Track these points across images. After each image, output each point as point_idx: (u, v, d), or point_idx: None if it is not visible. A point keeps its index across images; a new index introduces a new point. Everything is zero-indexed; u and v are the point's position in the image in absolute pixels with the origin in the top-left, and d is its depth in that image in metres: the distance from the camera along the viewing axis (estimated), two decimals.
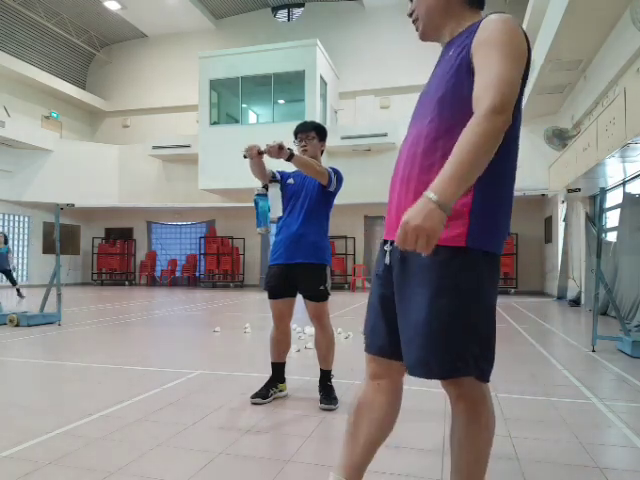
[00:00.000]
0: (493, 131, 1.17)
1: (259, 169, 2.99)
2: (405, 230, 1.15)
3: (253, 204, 2.97)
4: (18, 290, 11.85)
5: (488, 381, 1.40)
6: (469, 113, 1.22)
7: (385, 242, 1.50)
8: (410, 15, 1.53)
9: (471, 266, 1.31)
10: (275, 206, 2.93)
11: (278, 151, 2.73)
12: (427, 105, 1.42)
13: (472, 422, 1.41)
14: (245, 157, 2.89)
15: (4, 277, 12.07)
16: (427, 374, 1.36)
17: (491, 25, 1.30)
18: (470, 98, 1.26)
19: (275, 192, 2.96)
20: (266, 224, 2.99)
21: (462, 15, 1.43)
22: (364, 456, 1.52)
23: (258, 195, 3.00)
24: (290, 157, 2.77)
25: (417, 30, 1.53)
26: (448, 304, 1.29)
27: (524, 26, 12.63)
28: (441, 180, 1.16)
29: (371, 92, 17.21)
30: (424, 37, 1.53)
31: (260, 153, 2.85)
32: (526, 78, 1.32)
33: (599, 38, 8.34)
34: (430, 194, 1.14)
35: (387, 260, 1.47)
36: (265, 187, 3.02)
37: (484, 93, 1.20)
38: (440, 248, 1.24)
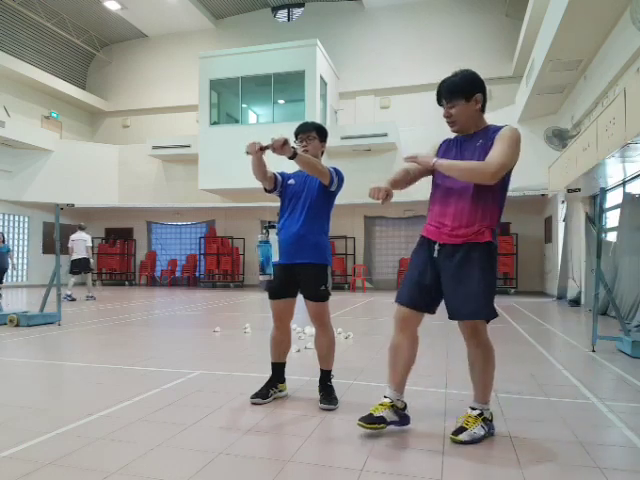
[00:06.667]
0: (484, 173, 2.30)
1: (260, 169, 2.99)
2: None
3: (257, 249, 3.02)
4: None
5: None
6: None
7: (430, 241, 2.49)
8: (446, 118, 2.51)
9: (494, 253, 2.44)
10: (275, 251, 2.99)
11: (282, 146, 2.71)
12: None
13: (487, 351, 2.49)
14: (247, 153, 2.87)
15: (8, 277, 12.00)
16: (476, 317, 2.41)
17: (506, 131, 2.38)
18: None
19: (274, 238, 3.01)
20: (270, 272, 3.00)
21: (480, 119, 2.51)
22: (402, 376, 2.57)
23: (262, 242, 3.02)
24: (293, 155, 2.76)
25: (452, 126, 2.53)
26: (490, 278, 2.41)
27: (524, 26, 12.67)
28: None
29: (371, 92, 17.22)
30: (459, 132, 2.55)
31: (262, 149, 2.84)
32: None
33: (599, 38, 8.34)
34: None
35: (435, 254, 2.46)
36: (267, 228, 3.04)
37: (493, 159, 2.30)
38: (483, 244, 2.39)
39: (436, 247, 2.46)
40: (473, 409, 2.49)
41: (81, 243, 11.16)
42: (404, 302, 2.54)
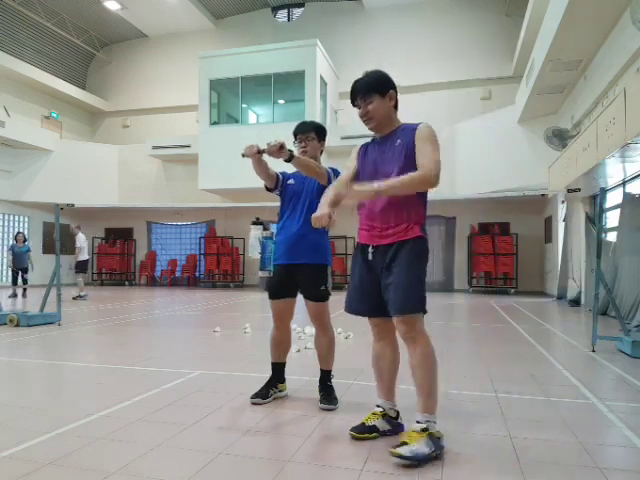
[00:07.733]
0: (426, 179, 2.26)
1: (262, 170, 2.99)
2: None
3: (258, 247, 3.05)
4: (24, 290, 12.17)
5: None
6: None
7: (364, 246, 2.49)
8: (363, 116, 2.49)
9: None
10: (254, 247, 3.02)
11: (278, 151, 2.71)
12: (389, 169, 2.40)
13: (425, 353, 2.33)
14: (244, 156, 2.88)
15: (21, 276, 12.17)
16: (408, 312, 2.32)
17: (425, 129, 2.41)
18: (411, 167, 2.33)
19: (255, 234, 3.04)
20: (270, 269, 3.03)
21: (395, 117, 2.54)
22: (389, 384, 2.57)
23: (266, 238, 3.05)
24: (290, 158, 2.77)
25: (369, 124, 2.50)
26: (417, 271, 2.35)
27: (524, 26, 12.67)
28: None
29: None
30: (376, 129, 2.53)
31: (259, 152, 2.85)
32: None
33: (599, 38, 8.34)
34: None
35: (370, 257, 2.45)
36: (263, 225, 3.09)
37: (429, 163, 2.29)
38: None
39: (370, 250, 2.45)
40: (418, 422, 2.27)
41: (86, 245, 11.65)
42: (352, 310, 2.56)
